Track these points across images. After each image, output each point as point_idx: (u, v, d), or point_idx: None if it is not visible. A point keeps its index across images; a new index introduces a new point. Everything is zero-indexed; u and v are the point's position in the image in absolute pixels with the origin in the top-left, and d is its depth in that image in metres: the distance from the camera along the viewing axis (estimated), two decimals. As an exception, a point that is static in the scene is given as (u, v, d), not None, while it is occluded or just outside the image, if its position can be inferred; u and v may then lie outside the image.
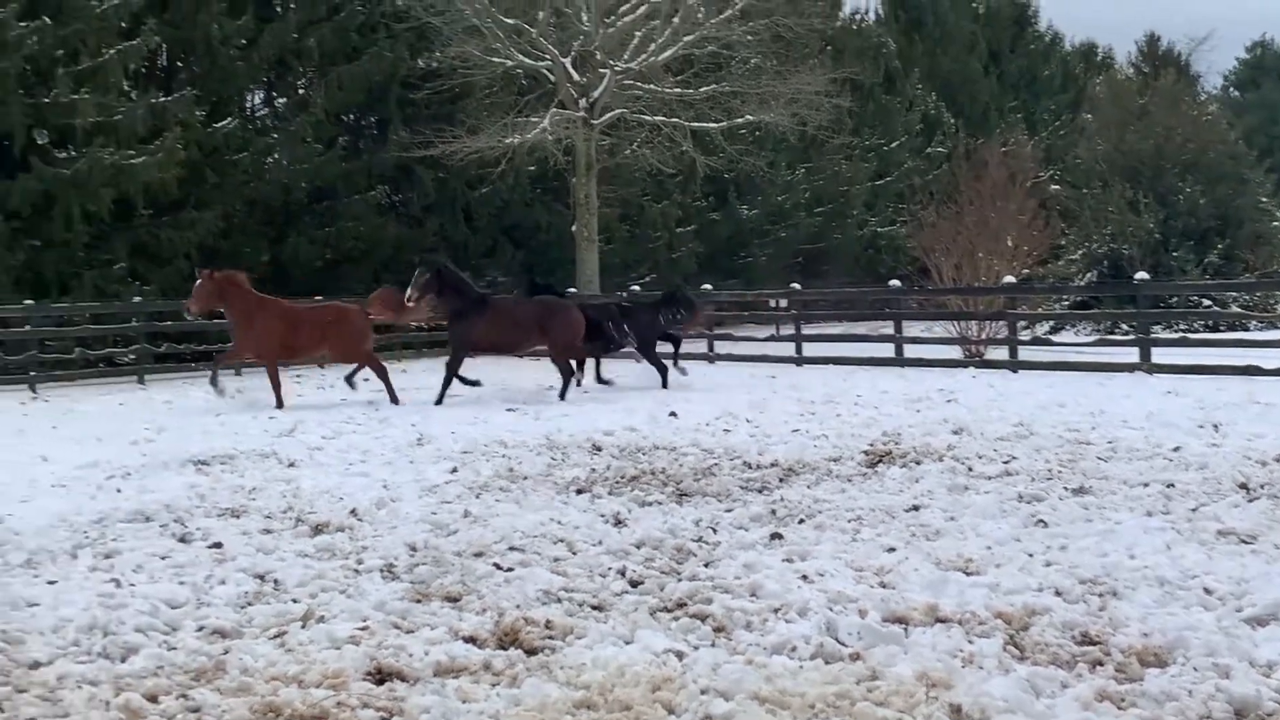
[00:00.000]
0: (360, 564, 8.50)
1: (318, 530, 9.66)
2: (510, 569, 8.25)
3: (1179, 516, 9.44)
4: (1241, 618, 6.82)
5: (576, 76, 35.05)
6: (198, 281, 20.59)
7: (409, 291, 20.67)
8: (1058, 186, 49.16)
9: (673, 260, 44.29)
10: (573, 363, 21.85)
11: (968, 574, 7.87)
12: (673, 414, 17.11)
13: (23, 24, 28.99)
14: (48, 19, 29.62)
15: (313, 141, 35.53)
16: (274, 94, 38.97)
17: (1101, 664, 6.21)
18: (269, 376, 20.94)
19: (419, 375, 25.28)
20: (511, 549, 8.87)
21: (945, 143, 55.70)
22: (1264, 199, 52.17)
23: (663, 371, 22.77)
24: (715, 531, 9.40)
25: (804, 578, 7.81)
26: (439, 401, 20.17)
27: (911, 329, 27.87)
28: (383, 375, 21.11)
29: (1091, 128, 53.27)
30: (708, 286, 32.92)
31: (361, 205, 36.57)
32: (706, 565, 8.30)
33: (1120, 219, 44.46)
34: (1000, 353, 25.37)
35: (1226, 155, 48.24)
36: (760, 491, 11.10)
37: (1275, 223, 51.32)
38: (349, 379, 21.91)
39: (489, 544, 9.02)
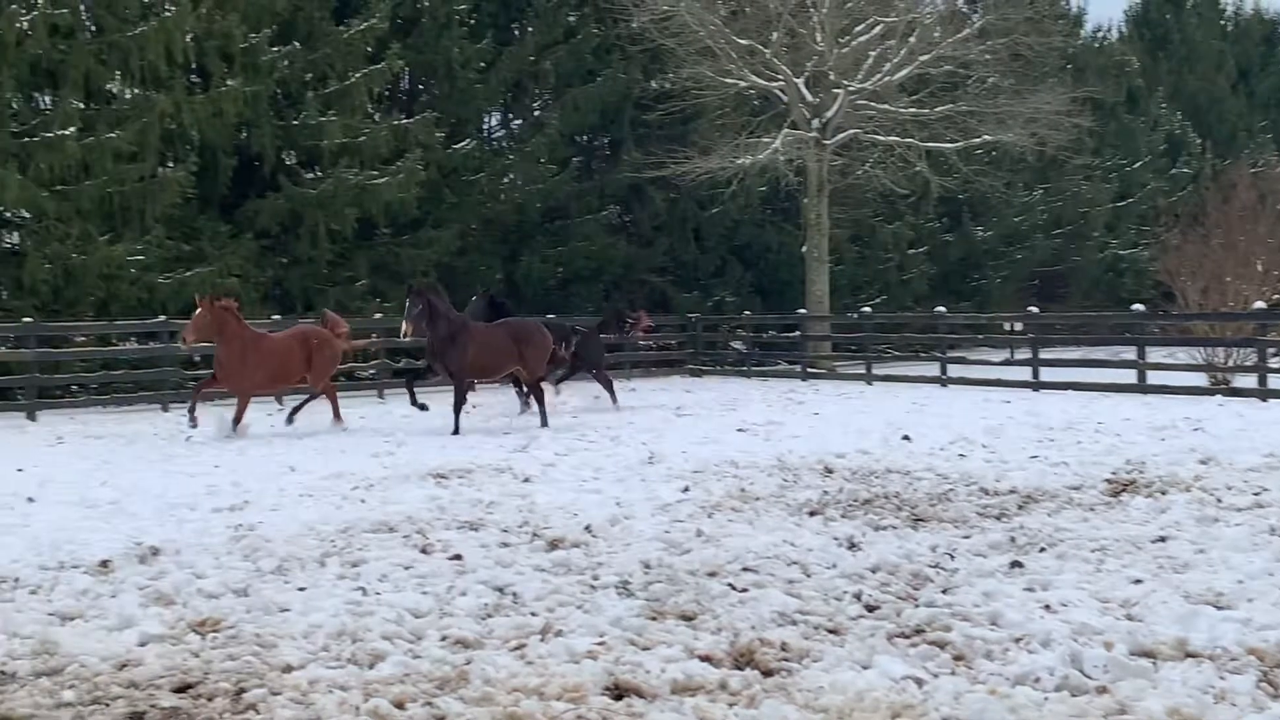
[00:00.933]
0: (596, 580, 8.58)
1: (553, 545, 9.77)
2: (744, 589, 8.23)
3: None
4: None
5: (809, 97, 34.95)
6: (197, 311, 19.57)
7: (404, 325, 19.86)
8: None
9: (903, 282, 43.76)
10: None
11: (1218, 608, 7.58)
12: (906, 437, 16.90)
13: (274, 49, 30.20)
14: (298, 44, 30.83)
15: (547, 162, 36.09)
16: (510, 115, 39.74)
17: (1366, 708, 5.93)
18: (240, 405, 19.88)
19: (648, 394, 25.46)
20: (745, 569, 8.85)
21: (1191, 163, 53.97)
22: None
23: (611, 390, 23.15)
24: (952, 558, 9.23)
25: (1046, 608, 7.62)
26: (456, 430, 19.33)
27: (1154, 355, 26.99)
28: (333, 398, 21.16)
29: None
30: (941, 309, 32.40)
31: (593, 225, 37.02)
32: (944, 592, 8.15)
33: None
34: (1249, 380, 24.38)
35: None
36: (998, 518, 10.87)
37: None
38: (295, 411, 21.09)
39: (722, 564, 9.01)
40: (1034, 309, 32.75)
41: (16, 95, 26.82)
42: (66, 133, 25.53)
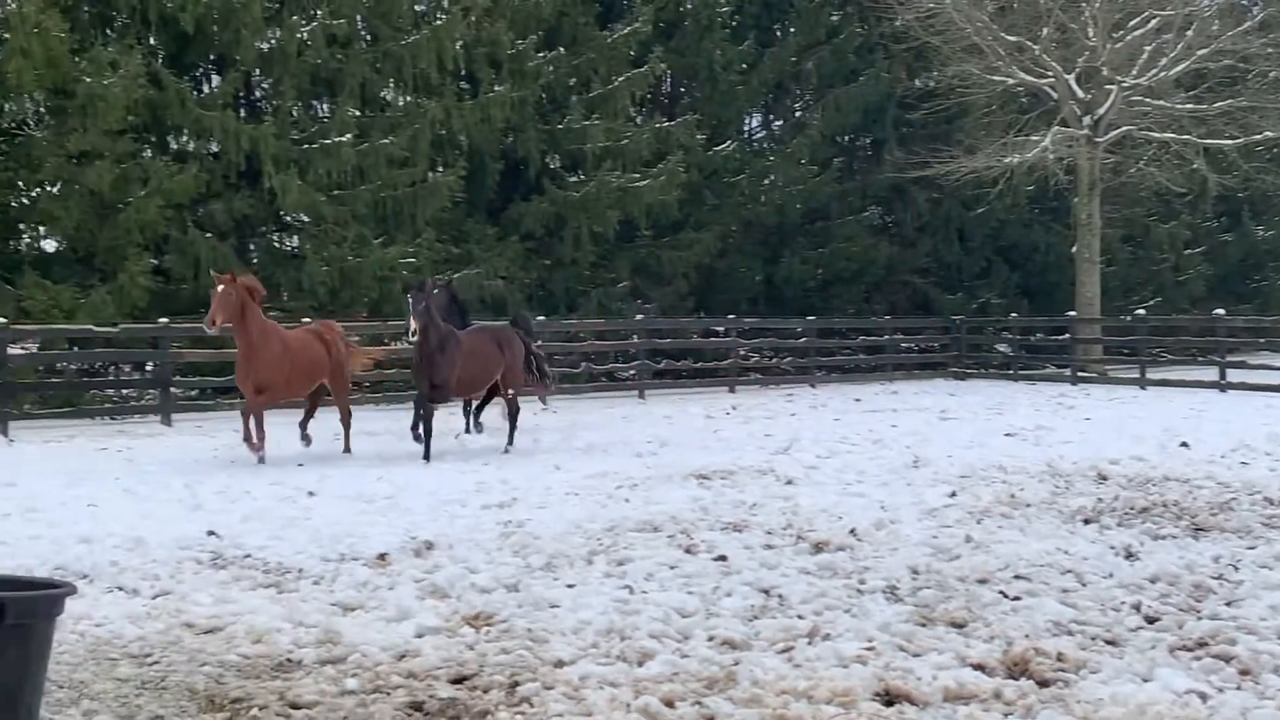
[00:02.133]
0: (863, 584, 8.46)
1: (818, 548, 9.67)
2: (1017, 597, 8.02)
3: None
4: None
5: (1080, 93, 33.97)
6: (219, 289, 15.37)
7: (411, 322, 16.06)
8: None
9: (1179, 283, 42.24)
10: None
11: None
12: (1184, 444, 16.29)
13: (540, 55, 30.78)
14: (563, 49, 31.35)
15: (808, 163, 35.92)
16: (771, 116, 39.72)
17: None
18: (257, 418, 16.04)
19: (910, 397, 25.09)
20: (1017, 577, 8.62)
21: None
22: None
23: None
24: (1236, 569, 8.86)
25: (1339, 623, 7.22)
26: (427, 456, 16.21)
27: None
28: (312, 410, 17.70)
29: None
30: (1220, 311, 31.13)
31: (854, 226, 36.73)
32: (1228, 604, 7.82)
33: None
34: None
35: None
36: (1285, 529, 10.38)
37: None
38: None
39: (993, 571, 8.80)
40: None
41: (297, 104, 27.93)
42: (343, 139, 26.45)
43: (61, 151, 23.30)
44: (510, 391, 17.97)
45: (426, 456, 16.14)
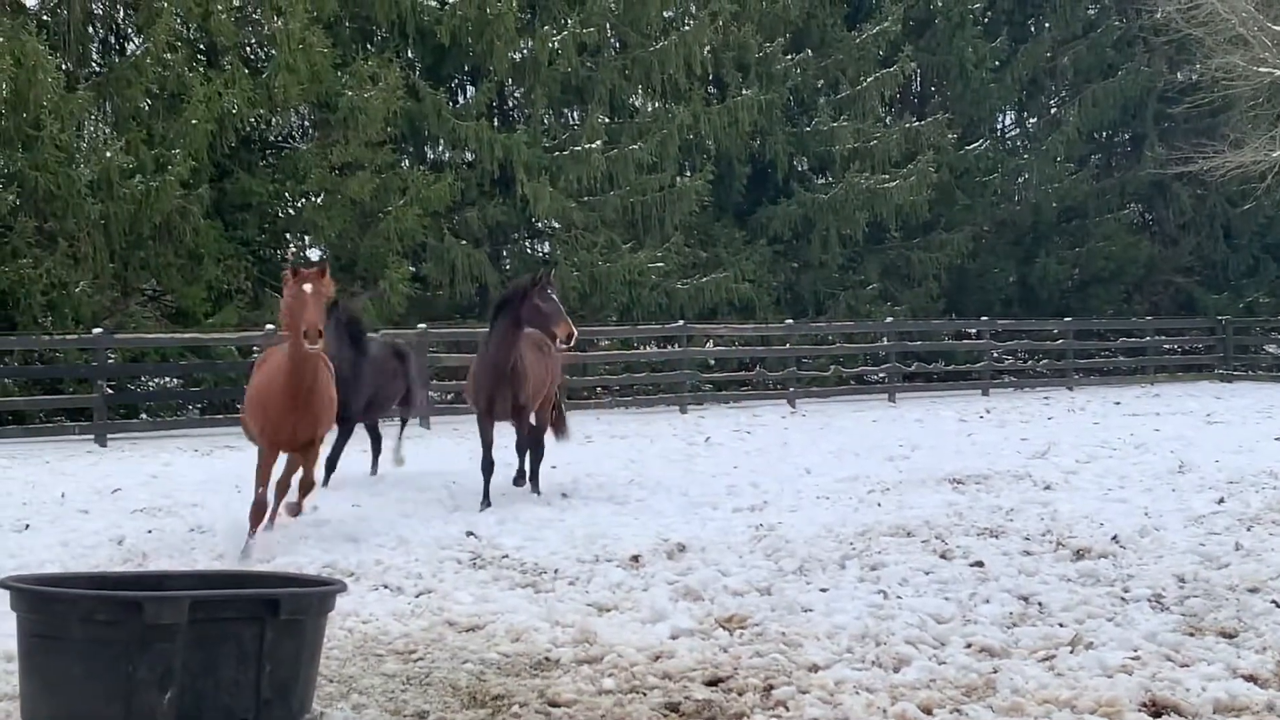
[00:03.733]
0: (1126, 592, 8.22)
1: (1079, 555, 9.42)
2: (1291, 608, 7.68)
3: None
4: None
5: (1352, 82, 32.36)
6: (307, 288, 10.00)
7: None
8: None
9: None
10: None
11: None
12: None
13: (788, 57, 30.74)
14: (810, 51, 31.25)
15: (1064, 160, 35.17)
16: (1025, 114, 38.87)
17: None
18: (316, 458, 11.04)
19: (1173, 400, 24.26)
20: (1292, 586, 8.28)
21: None
22: None
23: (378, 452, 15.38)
24: None
25: None
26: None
27: None
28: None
29: None
30: None
31: (1113, 224, 35.76)
32: None
33: None
34: None
35: None
36: None
37: None
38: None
39: (1264, 580, 8.48)
40: None
41: (548, 112, 28.47)
42: (593, 146, 26.83)
43: (325, 163, 24.16)
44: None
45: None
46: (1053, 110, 37.97)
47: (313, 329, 9.73)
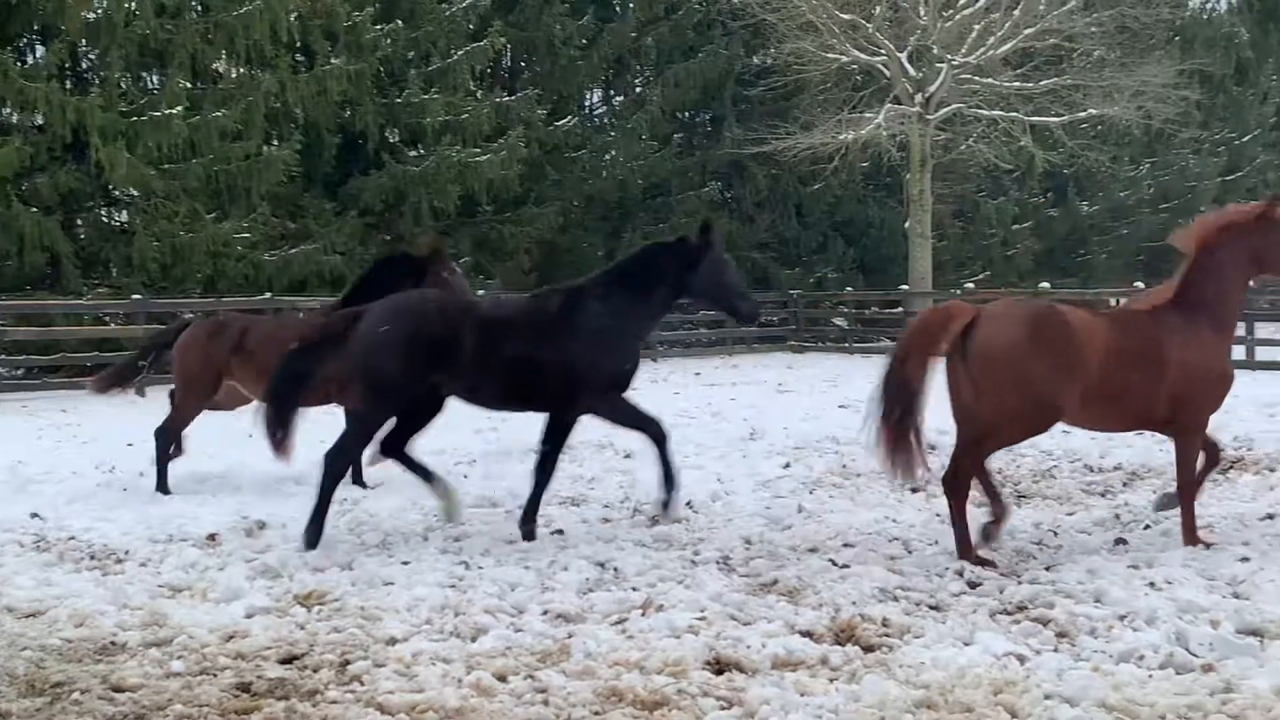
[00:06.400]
0: (697, 555, 8.59)
1: (655, 521, 9.78)
2: (845, 565, 8.20)
3: None
4: None
5: (912, 71, 34.55)
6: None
7: None
8: None
9: (1007, 258, 43.34)
10: None
11: (1329, 587, 7.41)
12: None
13: (377, 27, 30.44)
14: (400, 22, 31.05)
15: (648, 139, 36.14)
16: (611, 92, 39.84)
17: None
18: None
19: (750, 370, 25.38)
20: (846, 545, 8.85)
21: (1301, 136, 52.74)
22: None
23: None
24: (1056, 535, 9.19)
25: (1151, 585, 7.49)
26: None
27: (1263, 330, 26.45)
28: None
29: None
30: (1045, 285, 31.93)
31: (695, 201, 36.96)
32: (1047, 569, 8.04)
33: None
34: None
35: None
36: (1103, 495, 10.78)
37: None
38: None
39: (823, 539, 9.02)
40: (1140, 285, 32.22)
41: (125, 75, 27.27)
42: (173, 112, 25.85)
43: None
44: None
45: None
46: (638, 89, 39.00)
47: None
